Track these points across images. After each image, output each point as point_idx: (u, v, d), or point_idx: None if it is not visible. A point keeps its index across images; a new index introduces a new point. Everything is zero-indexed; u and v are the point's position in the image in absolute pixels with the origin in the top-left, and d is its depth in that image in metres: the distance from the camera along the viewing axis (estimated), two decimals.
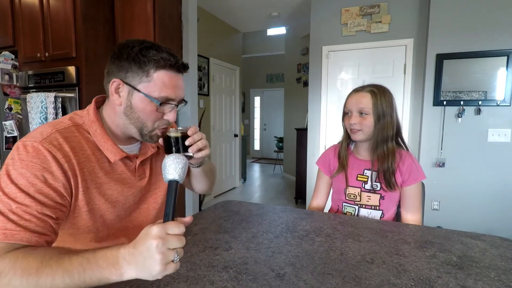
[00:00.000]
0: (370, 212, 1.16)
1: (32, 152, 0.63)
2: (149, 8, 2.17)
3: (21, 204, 0.59)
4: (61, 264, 0.54)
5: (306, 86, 4.53)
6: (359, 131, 1.13)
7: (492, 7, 2.39)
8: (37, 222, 0.60)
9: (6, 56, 2.44)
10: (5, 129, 2.43)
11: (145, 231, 0.54)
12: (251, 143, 8.54)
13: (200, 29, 3.33)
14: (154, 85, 0.71)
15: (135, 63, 0.70)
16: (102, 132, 0.74)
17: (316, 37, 3.20)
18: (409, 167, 1.12)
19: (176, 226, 0.53)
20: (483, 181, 2.51)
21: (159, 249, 0.51)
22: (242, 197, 4.48)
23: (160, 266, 0.51)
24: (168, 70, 0.72)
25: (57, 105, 2.14)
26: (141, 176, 0.83)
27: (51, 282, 0.53)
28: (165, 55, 0.71)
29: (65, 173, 0.66)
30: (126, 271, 0.54)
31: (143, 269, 0.53)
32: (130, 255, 0.54)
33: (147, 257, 0.52)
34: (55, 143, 0.66)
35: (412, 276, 0.64)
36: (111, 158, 0.75)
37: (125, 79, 0.71)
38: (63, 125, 0.71)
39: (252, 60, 7.73)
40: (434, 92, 2.60)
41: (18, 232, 0.57)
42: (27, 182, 0.61)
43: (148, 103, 0.71)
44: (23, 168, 0.61)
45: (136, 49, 0.71)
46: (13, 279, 0.53)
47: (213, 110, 4.21)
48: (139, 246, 0.53)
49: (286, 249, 0.76)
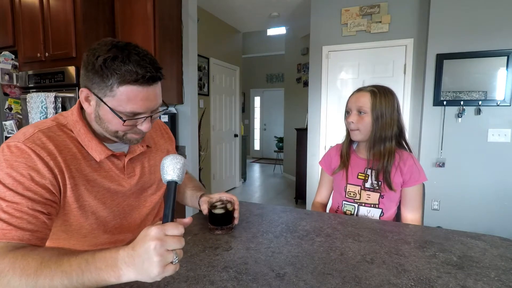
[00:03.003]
0: (369, 211, 1.16)
1: (16, 152, 0.63)
2: (149, 8, 2.17)
3: (11, 202, 0.59)
4: (60, 266, 0.54)
5: (306, 86, 4.53)
6: (356, 130, 1.14)
7: (492, 7, 2.39)
8: (29, 218, 0.60)
9: (6, 56, 2.44)
10: (5, 129, 2.43)
11: (143, 233, 0.53)
12: (251, 143, 8.53)
13: (200, 29, 3.33)
14: (118, 100, 0.66)
15: (98, 76, 0.66)
16: (85, 132, 0.74)
17: (316, 37, 3.20)
18: (410, 168, 1.12)
19: (175, 227, 0.53)
20: (483, 181, 2.51)
21: (157, 250, 0.50)
22: (242, 197, 4.48)
23: (158, 268, 0.50)
24: (133, 84, 0.65)
25: (57, 105, 2.14)
26: (130, 174, 0.83)
27: (50, 283, 0.53)
28: (131, 67, 0.64)
29: (51, 170, 0.66)
30: (124, 273, 0.53)
31: (142, 271, 0.52)
32: (129, 257, 0.53)
33: (146, 259, 0.51)
34: (38, 142, 0.66)
35: (412, 276, 0.64)
36: (96, 157, 0.74)
37: (92, 89, 0.68)
38: (46, 125, 0.71)
39: (252, 60, 7.73)
40: (434, 92, 2.60)
41: (9, 231, 0.57)
42: (14, 181, 0.61)
43: (114, 117, 0.68)
44: (8, 168, 0.61)
45: (100, 60, 0.65)
46: (12, 279, 0.52)
47: (213, 110, 4.21)
48: (137, 248, 0.52)
49: (286, 249, 0.76)
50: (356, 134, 1.15)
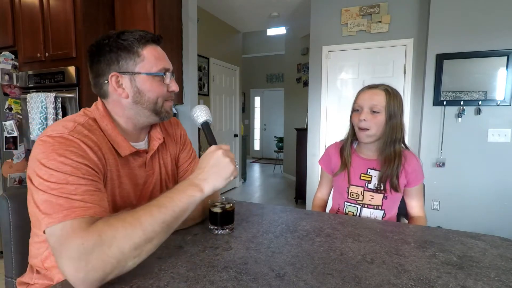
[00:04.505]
0: (372, 212, 1.15)
1: (65, 142, 0.62)
2: (149, 8, 2.17)
3: (77, 184, 0.59)
4: (149, 206, 0.60)
5: (306, 86, 4.53)
6: (366, 130, 1.08)
7: (492, 7, 2.39)
8: (99, 196, 0.61)
9: (6, 56, 2.43)
10: (5, 129, 2.43)
11: (204, 155, 0.70)
12: (251, 143, 8.54)
13: (200, 29, 3.33)
14: (148, 61, 0.73)
15: (122, 50, 0.71)
16: (112, 127, 0.74)
17: (316, 37, 3.20)
18: (414, 169, 1.11)
19: (222, 144, 0.72)
20: (483, 181, 2.51)
21: (226, 153, 0.69)
22: (242, 197, 4.48)
23: (232, 165, 0.68)
24: (151, 44, 0.74)
25: (57, 105, 2.13)
26: (150, 172, 0.84)
27: (151, 218, 0.58)
28: (139, 32, 0.73)
29: (100, 159, 0.67)
30: (204, 185, 0.66)
31: (218, 175, 0.67)
32: (201, 173, 0.67)
33: (219, 163, 0.68)
34: (82, 134, 0.66)
35: (412, 276, 0.64)
36: (121, 152, 0.74)
37: (120, 70, 0.71)
38: (82, 119, 0.71)
39: (252, 60, 7.73)
40: (434, 92, 2.60)
41: (88, 208, 0.58)
42: (72, 168, 0.60)
43: (152, 80, 0.73)
44: (61, 157, 0.60)
45: (113, 39, 0.71)
46: (118, 232, 0.55)
47: (213, 110, 4.21)
48: (207, 163, 0.68)
49: (286, 249, 0.76)
50: (365, 135, 1.09)
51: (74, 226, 0.54)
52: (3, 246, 0.87)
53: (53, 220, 0.55)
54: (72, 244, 0.52)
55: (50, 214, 0.55)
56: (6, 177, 2.43)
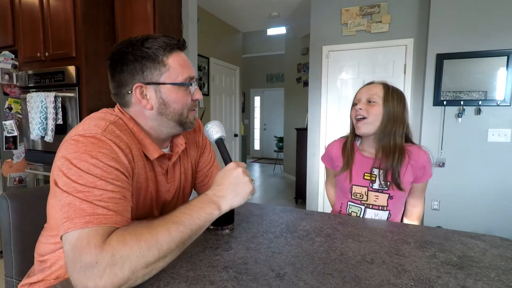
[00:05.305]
0: (377, 213, 1.11)
1: (98, 142, 0.61)
2: (149, 8, 2.17)
3: (105, 190, 0.57)
4: (166, 222, 0.59)
5: (306, 86, 4.53)
6: (363, 119, 1.07)
7: (492, 7, 2.38)
8: (123, 204, 0.59)
9: (6, 56, 2.43)
10: (5, 129, 2.43)
11: (222, 172, 0.69)
12: (251, 143, 8.53)
13: (200, 29, 3.33)
14: (174, 70, 0.70)
15: (146, 59, 0.68)
16: (139, 130, 0.72)
17: (316, 37, 3.20)
18: (423, 164, 1.07)
19: (240, 162, 0.71)
20: (483, 181, 2.51)
21: (245, 172, 0.69)
22: None
23: (250, 184, 0.68)
24: (175, 51, 0.71)
25: (57, 104, 2.14)
26: (171, 180, 0.82)
27: (168, 237, 0.57)
28: (163, 38, 0.69)
29: (130, 162, 0.65)
30: (222, 203, 0.66)
31: (237, 194, 0.67)
32: (220, 191, 0.66)
33: (239, 182, 0.67)
34: (114, 134, 0.64)
35: (412, 276, 0.64)
36: (149, 155, 0.72)
37: (144, 80, 0.69)
38: (112, 118, 0.68)
39: (252, 60, 7.72)
40: (434, 92, 2.60)
41: (110, 216, 0.56)
42: (102, 171, 0.58)
43: (178, 90, 0.71)
44: (93, 158, 0.59)
45: (137, 46, 0.68)
46: (132, 252, 0.53)
47: (213, 110, 4.20)
48: (225, 181, 0.67)
49: (286, 249, 0.76)
50: (362, 125, 1.07)
51: (90, 237, 0.53)
52: (3, 246, 0.87)
53: (74, 226, 0.53)
54: (85, 258, 0.51)
55: (72, 218, 0.54)
56: (6, 177, 2.43)
